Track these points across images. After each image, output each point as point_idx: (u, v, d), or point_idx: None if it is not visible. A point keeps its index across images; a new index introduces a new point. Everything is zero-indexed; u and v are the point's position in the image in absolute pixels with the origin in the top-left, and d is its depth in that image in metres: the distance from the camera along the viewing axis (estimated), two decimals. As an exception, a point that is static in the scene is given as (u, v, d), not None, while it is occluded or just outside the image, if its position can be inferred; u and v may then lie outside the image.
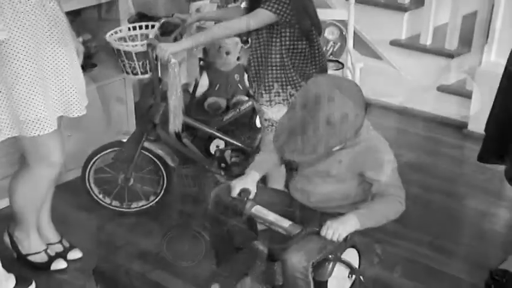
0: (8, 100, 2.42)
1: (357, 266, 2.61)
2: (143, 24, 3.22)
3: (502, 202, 3.42)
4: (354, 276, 2.59)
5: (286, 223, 2.08)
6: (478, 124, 2.86)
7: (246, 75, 3.96)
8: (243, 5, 2.99)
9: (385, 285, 2.73)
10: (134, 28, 3.22)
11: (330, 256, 2.32)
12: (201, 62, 4.01)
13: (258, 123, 4.10)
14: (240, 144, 3.35)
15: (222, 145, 3.70)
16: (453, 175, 3.72)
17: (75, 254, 2.90)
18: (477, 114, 3.78)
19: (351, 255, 2.55)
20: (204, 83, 3.99)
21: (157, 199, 3.26)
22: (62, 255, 2.87)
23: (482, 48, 4.15)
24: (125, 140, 3.10)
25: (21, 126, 2.46)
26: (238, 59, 4.03)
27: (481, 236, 3.15)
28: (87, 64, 3.41)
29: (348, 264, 2.50)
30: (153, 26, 3.16)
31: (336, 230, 1.99)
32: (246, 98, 4.02)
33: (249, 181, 2.18)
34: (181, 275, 2.80)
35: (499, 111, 2.67)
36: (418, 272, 2.85)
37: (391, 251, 2.99)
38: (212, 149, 3.77)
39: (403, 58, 4.51)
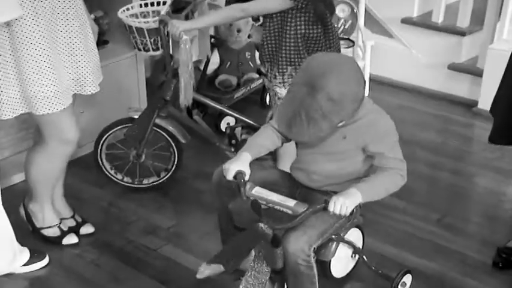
0: (19, 78, 2.44)
1: (361, 246, 2.64)
2: (155, 1, 3.22)
3: (511, 180, 3.43)
4: (357, 256, 2.62)
5: (291, 202, 2.08)
6: (488, 103, 2.85)
7: (257, 53, 3.97)
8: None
9: (392, 262, 2.75)
10: (146, 5, 3.22)
11: (333, 236, 2.34)
12: (212, 40, 4.02)
13: (268, 101, 4.12)
14: (250, 121, 3.36)
15: (232, 122, 3.72)
16: (462, 153, 3.72)
17: (87, 229, 2.94)
18: (488, 92, 3.76)
19: (354, 235, 2.57)
20: (215, 60, 4.00)
21: (168, 175, 3.28)
22: (74, 229, 2.91)
23: (494, 26, 4.13)
24: (136, 117, 3.12)
25: (31, 104, 2.48)
26: (249, 36, 4.03)
27: (489, 214, 3.16)
28: (99, 41, 3.41)
29: (351, 244, 2.53)
30: (164, 3, 3.16)
31: (343, 204, 1.99)
32: (257, 76, 4.03)
33: (241, 163, 2.15)
34: (192, 250, 2.84)
35: (509, 92, 2.65)
36: (425, 249, 2.87)
37: (399, 227, 3.01)
38: (223, 126, 3.79)
39: (414, 36, 4.48)
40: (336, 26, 4.09)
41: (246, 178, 2.13)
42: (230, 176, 2.13)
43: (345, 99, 1.97)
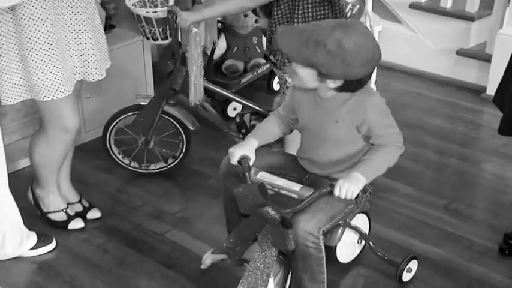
0: (23, 64, 2.43)
1: (367, 232, 2.64)
2: (163, -14, 3.21)
3: (519, 167, 3.42)
4: (363, 242, 2.62)
5: (296, 186, 2.09)
6: (497, 89, 2.84)
7: (264, 38, 3.96)
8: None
9: (398, 248, 2.75)
10: (154, -10, 3.21)
11: (340, 222, 2.34)
12: (219, 25, 4.00)
13: (275, 86, 4.11)
14: (257, 107, 3.35)
15: (239, 107, 3.71)
16: (470, 139, 3.71)
17: (94, 214, 2.95)
18: (496, 78, 3.73)
19: (361, 221, 2.57)
20: (222, 45, 3.99)
21: (176, 162, 3.28)
22: (81, 214, 2.92)
23: (503, 11, 4.10)
24: (144, 103, 3.11)
25: (34, 90, 2.48)
26: (256, 21, 4.02)
27: (496, 200, 3.15)
28: (106, 25, 3.41)
29: (358, 230, 2.52)
30: (172, -11, 3.14)
31: (349, 188, 2.00)
32: (264, 61, 4.02)
33: (247, 148, 2.17)
34: (198, 235, 2.85)
35: None
36: (432, 235, 2.86)
37: (406, 213, 3.01)
38: (230, 111, 3.79)
39: (422, 21, 4.46)
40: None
41: (251, 163, 2.13)
42: (234, 161, 2.14)
43: (355, 54, 1.97)
